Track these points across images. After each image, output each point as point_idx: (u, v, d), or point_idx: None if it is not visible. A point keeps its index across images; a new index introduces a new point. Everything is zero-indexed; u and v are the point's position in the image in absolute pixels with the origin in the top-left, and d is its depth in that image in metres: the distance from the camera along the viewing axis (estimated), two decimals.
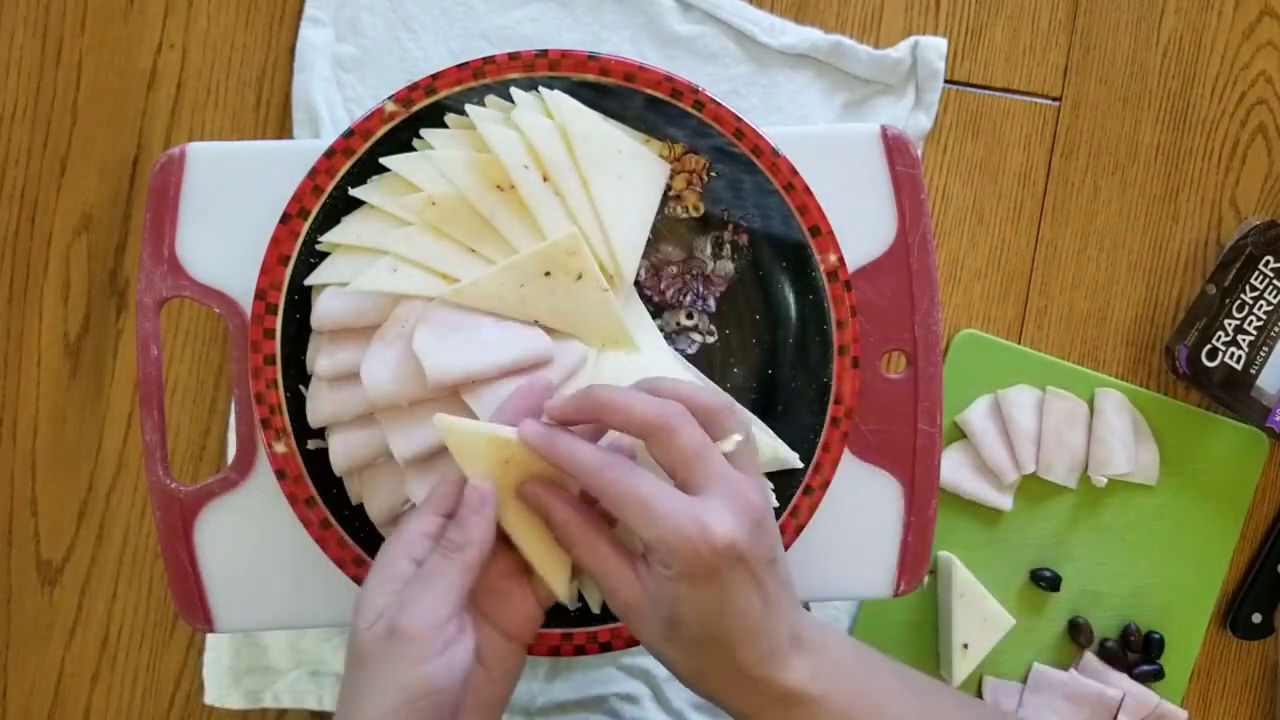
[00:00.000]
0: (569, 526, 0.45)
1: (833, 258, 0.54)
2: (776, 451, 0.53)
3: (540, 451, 0.45)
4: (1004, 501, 0.70)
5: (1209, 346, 0.70)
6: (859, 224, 0.56)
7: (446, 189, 0.51)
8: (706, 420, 0.45)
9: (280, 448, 0.53)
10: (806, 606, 0.70)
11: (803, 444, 0.54)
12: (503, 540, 0.47)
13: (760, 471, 0.46)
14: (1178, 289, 0.73)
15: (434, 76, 0.53)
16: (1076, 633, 0.70)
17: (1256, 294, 0.70)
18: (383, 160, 0.52)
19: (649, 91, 0.53)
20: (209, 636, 0.68)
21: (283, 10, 0.69)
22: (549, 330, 0.52)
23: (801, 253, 0.54)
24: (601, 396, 0.44)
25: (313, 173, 0.53)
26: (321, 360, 0.52)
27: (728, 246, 0.55)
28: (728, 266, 0.55)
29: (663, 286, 0.55)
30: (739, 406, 0.46)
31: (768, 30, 0.69)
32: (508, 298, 0.51)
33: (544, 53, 0.53)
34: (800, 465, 0.54)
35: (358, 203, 0.53)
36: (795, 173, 0.53)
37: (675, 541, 0.41)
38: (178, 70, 0.69)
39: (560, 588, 0.47)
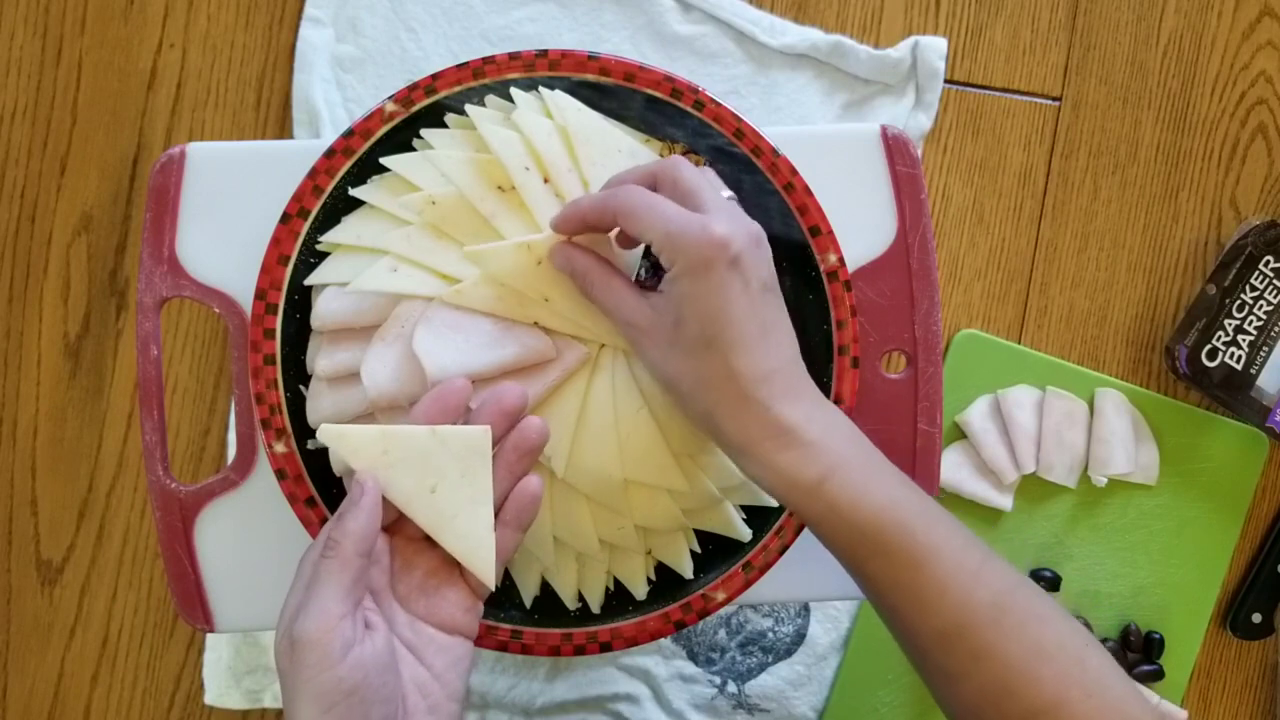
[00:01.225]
0: (589, 272, 0.48)
1: (833, 258, 0.54)
2: None
3: (575, 221, 0.48)
4: (1004, 501, 0.70)
5: (1209, 346, 0.70)
6: (859, 224, 0.56)
7: (446, 189, 0.51)
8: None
9: (280, 448, 0.53)
10: (806, 608, 0.70)
11: None
12: (424, 539, 0.47)
13: None
14: (1178, 289, 0.73)
15: (434, 76, 0.53)
16: None
17: (1256, 294, 0.70)
18: (383, 160, 0.52)
19: (649, 91, 0.53)
20: (209, 636, 0.68)
21: (283, 10, 0.69)
22: (548, 330, 0.52)
23: (801, 253, 0.54)
24: (603, 193, 0.47)
25: (313, 173, 0.52)
26: (321, 360, 0.52)
27: None
28: None
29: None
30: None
31: (768, 30, 0.69)
32: (508, 297, 0.51)
33: (544, 53, 0.53)
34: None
35: (358, 203, 0.53)
36: (795, 173, 0.53)
37: (679, 234, 0.44)
38: (178, 70, 0.69)
39: (488, 575, 0.47)
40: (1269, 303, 0.70)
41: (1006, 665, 0.44)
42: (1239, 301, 0.70)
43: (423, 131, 0.53)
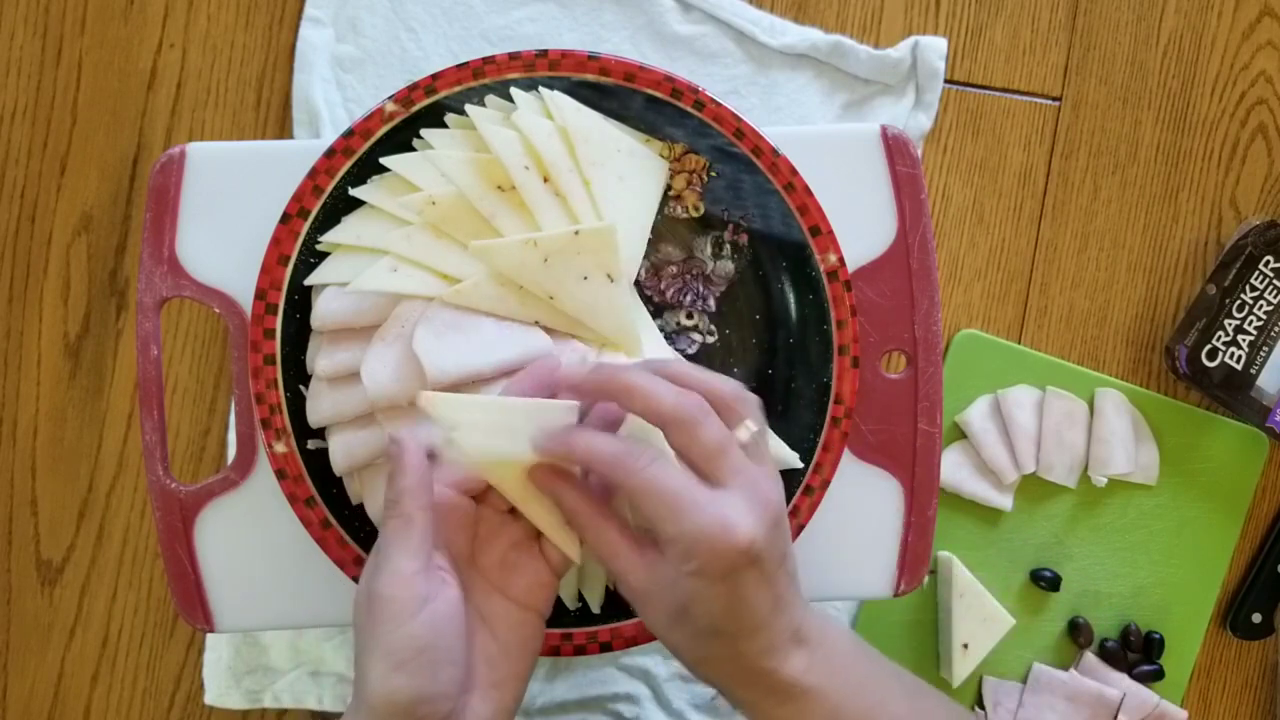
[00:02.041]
0: (578, 514, 0.46)
1: (833, 258, 0.54)
2: (777, 451, 0.53)
3: (560, 458, 0.45)
4: (1004, 501, 0.70)
5: (1209, 346, 0.70)
6: (859, 224, 0.56)
7: (446, 189, 0.51)
8: (723, 409, 0.45)
9: (280, 448, 0.53)
10: None
11: (803, 444, 0.54)
12: (510, 511, 0.48)
13: (771, 458, 0.47)
14: (1178, 289, 0.73)
15: (434, 76, 0.53)
16: (1076, 633, 0.70)
17: (1256, 294, 0.70)
18: (383, 160, 0.52)
19: (649, 91, 0.53)
20: (209, 636, 0.68)
21: (283, 10, 0.69)
22: (549, 330, 0.52)
23: (801, 253, 0.54)
24: (624, 380, 0.44)
25: (313, 173, 0.53)
26: (321, 360, 0.52)
27: (728, 246, 0.55)
28: (728, 266, 0.55)
29: (663, 286, 0.55)
30: (746, 391, 0.46)
31: (768, 30, 0.69)
32: (508, 297, 0.51)
33: (544, 53, 0.53)
34: (800, 465, 0.54)
35: (358, 203, 0.53)
36: (795, 173, 0.54)
37: (697, 540, 0.42)
38: (178, 70, 0.69)
39: (572, 549, 0.47)
40: (1269, 303, 0.70)
41: None
42: (1239, 301, 0.70)
43: (423, 131, 0.53)
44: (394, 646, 0.42)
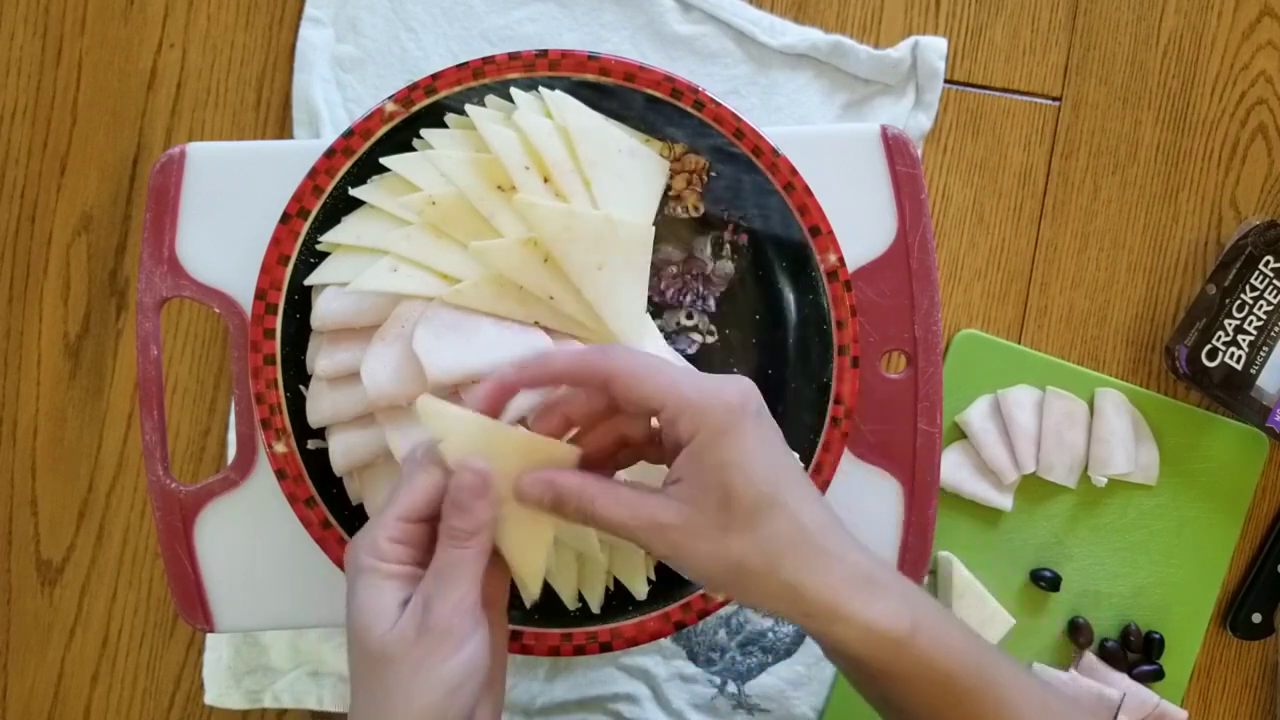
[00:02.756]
0: (585, 491, 0.43)
1: (833, 258, 0.54)
2: None
3: (541, 379, 0.44)
4: (1004, 501, 0.70)
5: (1209, 346, 0.70)
6: (859, 224, 0.56)
7: (446, 189, 0.51)
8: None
9: (280, 448, 0.53)
10: None
11: (803, 444, 0.54)
12: None
13: None
14: (1178, 289, 0.73)
15: (434, 76, 0.53)
16: (1076, 633, 0.70)
17: (1256, 294, 0.70)
18: (383, 160, 0.52)
19: (649, 91, 0.53)
20: (209, 636, 0.68)
21: (283, 10, 0.69)
22: (549, 330, 0.52)
23: (801, 253, 0.54)
24: (595, 349, 0.44)
25: (313, 173, 0.53)
26: (321, 360, 0.52)
27: (728, 246, 0.55)
28: (728, 266, 0.55)
29: (663, 286, 0.55)
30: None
31: (768, 30, 0.69)
32: (507, 297, 0.51)
33: (544, 53, 0.53)
34: (800, 465, 0.54)
35: (358, 203, 0.53)
36: (795, 173, 0.53)
37: (698, 397, 0.41)
38: (178, 70, 0.69)
39: (530, 590, 0.46)
40: (1269, 303, 0.70)
41: None
42: (1239, 301, 0.70)
43: (423, 131, 0.53)
44: (448, 676, 0.41)
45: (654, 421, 0.44)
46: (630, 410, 0.44)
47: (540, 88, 0.53)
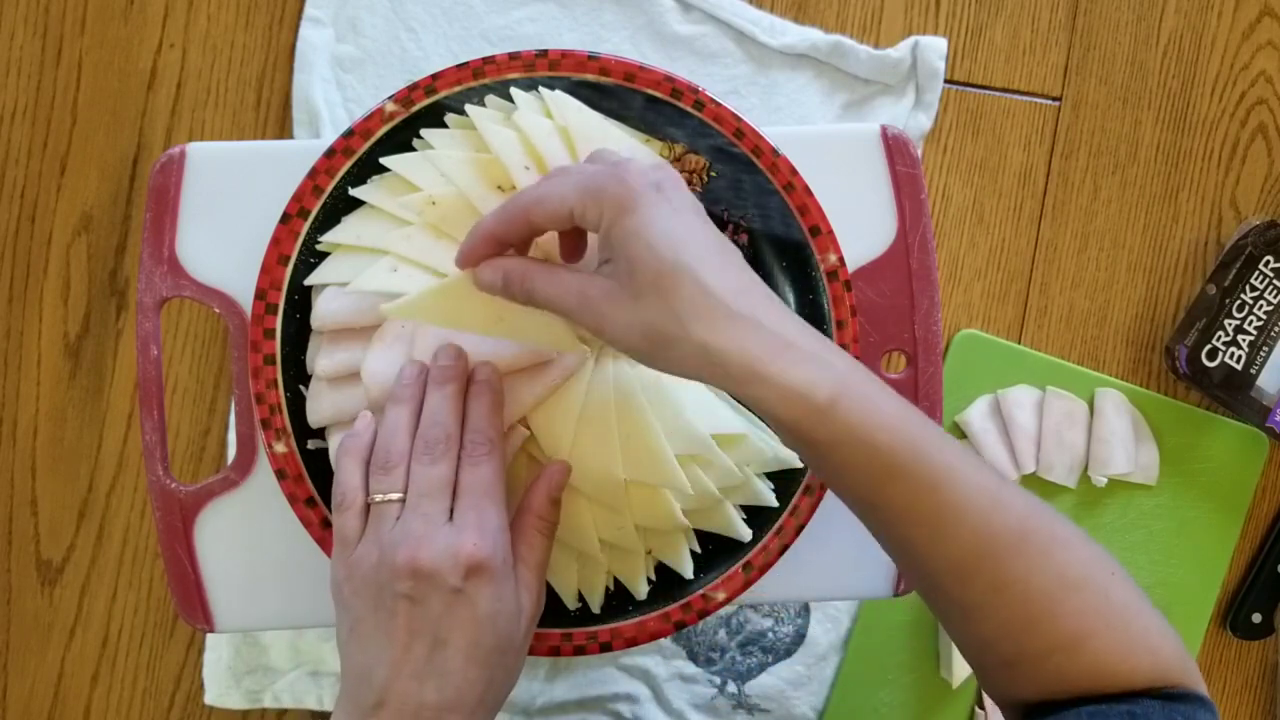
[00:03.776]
0: (527, 270, 0.45)
1: (833, 258, 0.54)
2: (776, 452, 0.53)
3: (472, 253, 0.47)
4: None
5: (1209, 346, 0.70)
6: (859, 224, 0.56)
7: (447, 189, 0.51)
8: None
9: (280, 448, 0.53)
10: (806, 608, 0.70)
11: None
12: None
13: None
14: (1178, 289, 0.73)
15: (434, 76, 0.53)
16: None
17: (1256, 294, 0.70)
18: (383, 160, 0.52)
19: (649, 91, 0.53)
20: (209, 636, 0.68)
21: (283, 10, 0.69)
22: None
23: (801, 253, 0.54)
24: (506, 200, 0.46)
25: (313, 173, 0.52)
26: (321, 360, 0.52)
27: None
28: None
29: None
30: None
31: (768, 30, 0.69)
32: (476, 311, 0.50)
33: (544, 53, 0.53)
34: (800, 465, 0.54)
35: (358, 203, 0.53)
36: (795, 173, 0.53)
37: (594, 184, 0.42)
38: (178, 70, 0.69)
39: (568, 337, 0.49)
40: (1269, 303, 0.70)
41: (1028, 598, 0.41)
42: (1239, 301, 0.70)
43: (423, 131, 0.53)
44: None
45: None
46: (559, 228, 0.45)
47: (540, 88, 0.53)
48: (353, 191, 0.53)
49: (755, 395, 0.41)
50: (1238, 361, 0.70)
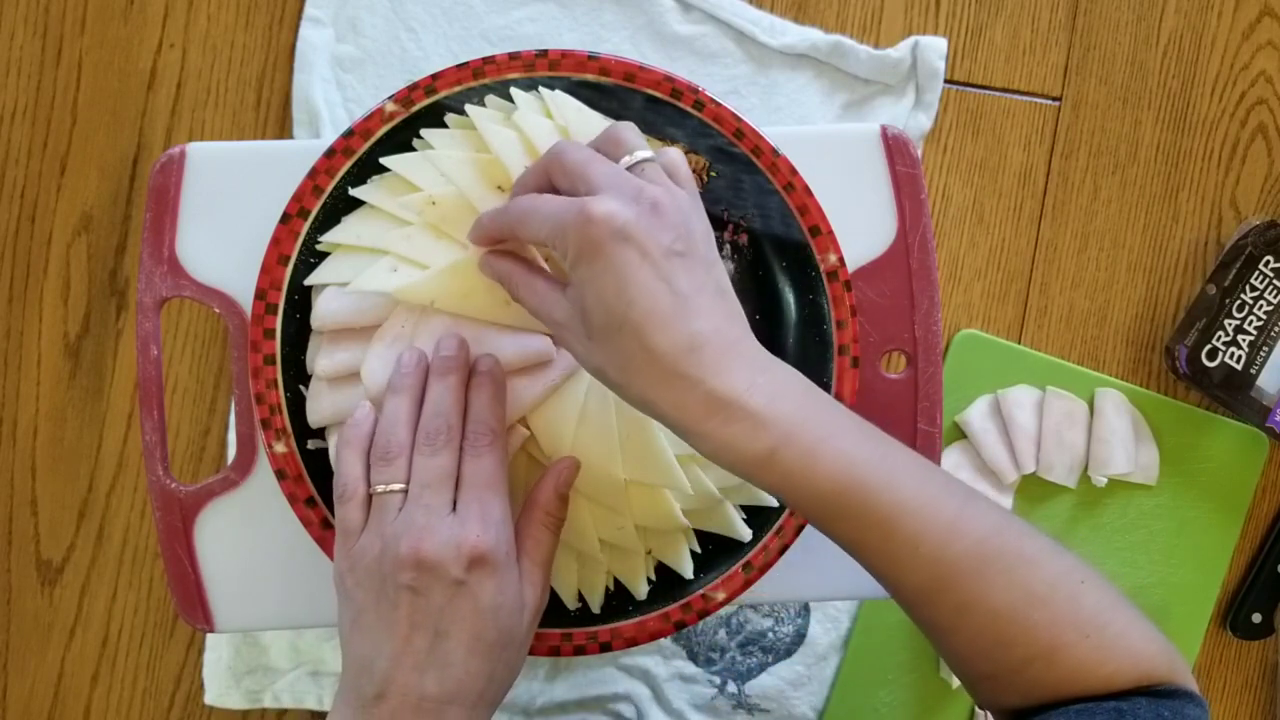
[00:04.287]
0: (512, 275, 0.47)
1: (833, 258, 0.54)
2: None
3: (475, 238, 0.48)
4: (1004, 502, 0.70)
5: (1209, 346, 0.70)
6: (859, 224, 0.56)
7: (447, 189, 0.51)
8: (604, 146, 0.46)
9: (280, 448, 0.53)
10: (806, 608, 0.70)
11: None
12: None
13: (688, 185, 0.46)
14: (1178, 289, 0.73)
15: (434, 76, 0.53)
16: None
17: (1256, 294, 0.70)
18: (383, 160, 0.52)
19: (649, 91, 0.53)
20: (209, 636, 0.68)
21: (283, 10, 0.69)
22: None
23: (801, 253, 0.54)
24: (505, 205, 0.47)
25: (313, 173, 0.52)
26: (321, 360, 0.52)
27: (728, 246, 0.55)
28: (728, 266, 0.55)
29: None
30: (627, 126, 0.47)
31: (768, 30, 0.69)
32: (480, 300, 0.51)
33: (544, 53, 0.53)
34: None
35: (358, 203, 0.53)
36: (795, 173, 0.53)
37: (558, 224, 0.42)
38: (178, 70, 0.69)
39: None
40: (1269, 303, 0.70)
41: (995, 615, 0.42)
42: (1239, 301, 0.70)
43: (423, 131, 0.53)
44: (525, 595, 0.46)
45: None
46: (539, 246, 0.48)
47: (540, 88, 0.53)
48: (353, 191, 0.53)
49: (694, 446, 0.43)
50: (1238, 361, 0.70)
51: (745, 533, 0.53)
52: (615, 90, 0.53)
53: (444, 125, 0.53)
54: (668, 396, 0.42)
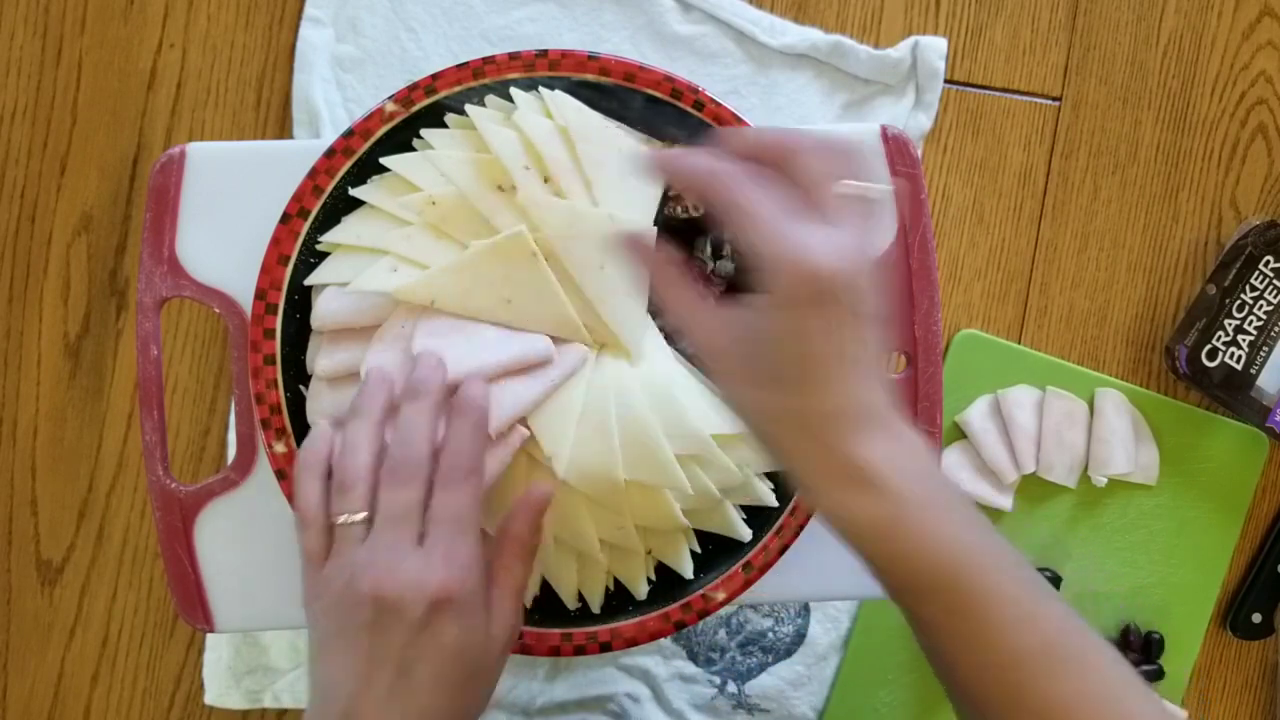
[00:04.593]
0: (659, 273, 0.45)
1: None
2: None
3: (663, 173, 0.46)
4: (1004, 501, 0.70)
5: (1209, 346, 0.70)
6: None
7: (446, 189, 0.51)
8: (838, 157, 0.42)
9: (280, 448, 0.53)
10: (806, 608, 0.70)
11: None
12: None
13: (879, 223, 0.45)
14: (1178, 289, 0.73)
15: (434, 76, 0.53)
16: None
17: (1256, 294, 0.70)
18: (383, 160, 0.52)
19: (649, 91, 0.53)
20: (209, 636, 0.68)
21: (283, 10, 0.69)
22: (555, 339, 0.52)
23: None
24: (721, 169, 0.42)
25: (313, 173, 0.52)
26: (321, 360, 0.52)
27: (728, 246, 0.55)
28: (728, 266, 0.55)
29: None
30: (858, 148, 0.45)
31: (768, 30, 0.69)
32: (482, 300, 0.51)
33: (544, 53, 0.53)
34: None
35: (358, 203, 0.53)
36: None
37: (774, 260, 0.40)
38: (178, 70, 0.69)
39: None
40: (1269, 303, 0.70)
41: (1048, 707, 0.42)
42: (1239, 301, 0.70)
43: (423, 131, 0.53)
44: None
45: None
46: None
47: (540, 88, 0.53)
48: (353, 191, 0.53)
49: (811, 502, 0.43)
50: (1238, 361, 0.70)
51: (745, 533, 0.53)
52: (615, 90, 0.53)
53: (444, 125, 0.53)
54: (802, 454, 0.41)
